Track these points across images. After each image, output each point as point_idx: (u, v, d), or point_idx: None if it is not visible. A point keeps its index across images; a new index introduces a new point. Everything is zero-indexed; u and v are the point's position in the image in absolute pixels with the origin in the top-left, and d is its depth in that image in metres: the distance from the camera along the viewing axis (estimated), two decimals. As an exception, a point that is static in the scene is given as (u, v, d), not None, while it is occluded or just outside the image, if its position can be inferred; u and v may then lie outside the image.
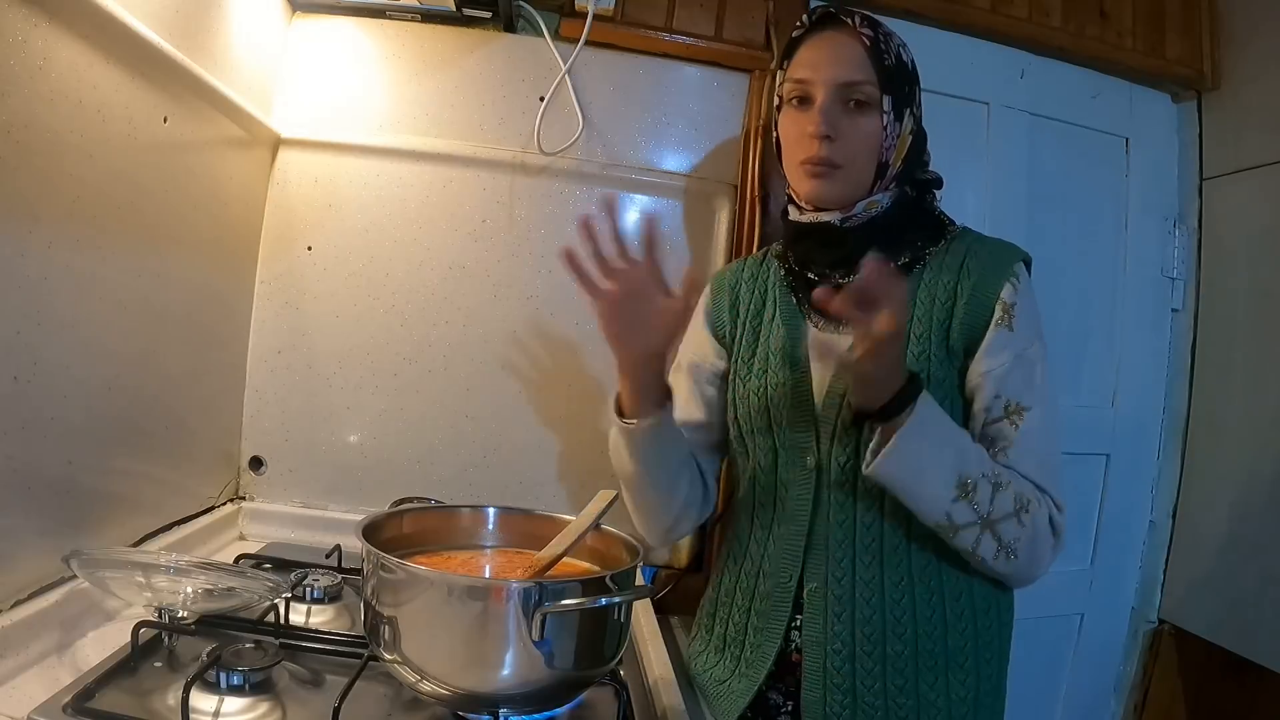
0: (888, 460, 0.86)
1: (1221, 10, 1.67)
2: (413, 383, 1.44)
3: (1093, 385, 1.72)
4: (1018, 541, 0.89)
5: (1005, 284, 0.94)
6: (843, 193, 0.96)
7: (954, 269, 0.96)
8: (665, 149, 1.47)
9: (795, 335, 1.02)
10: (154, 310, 1.09)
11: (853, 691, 0.95)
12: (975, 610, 0.96)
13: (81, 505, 0.97)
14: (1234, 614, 1.56)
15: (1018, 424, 0.92)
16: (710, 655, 1.09)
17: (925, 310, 0.95)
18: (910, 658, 0.94)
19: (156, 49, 0.98)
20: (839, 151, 0.94)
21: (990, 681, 0.97)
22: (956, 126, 1.59)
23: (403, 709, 0.83)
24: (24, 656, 0.81)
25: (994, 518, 0.88)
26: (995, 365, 0.92)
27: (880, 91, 0.93)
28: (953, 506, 0.87)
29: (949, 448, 0.88)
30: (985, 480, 0.88)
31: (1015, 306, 0.93)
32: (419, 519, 0.96)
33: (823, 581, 0.97)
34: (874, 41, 0.93)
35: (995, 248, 0.98)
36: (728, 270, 1.17)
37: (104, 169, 0.94)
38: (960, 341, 0.94)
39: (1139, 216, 1.73)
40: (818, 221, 0.98)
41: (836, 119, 0.93)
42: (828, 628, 0.96)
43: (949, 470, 0.87)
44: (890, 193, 0.98)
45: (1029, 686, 1.66)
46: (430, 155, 1.42)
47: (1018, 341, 0.93)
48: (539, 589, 0.72)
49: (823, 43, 0.96)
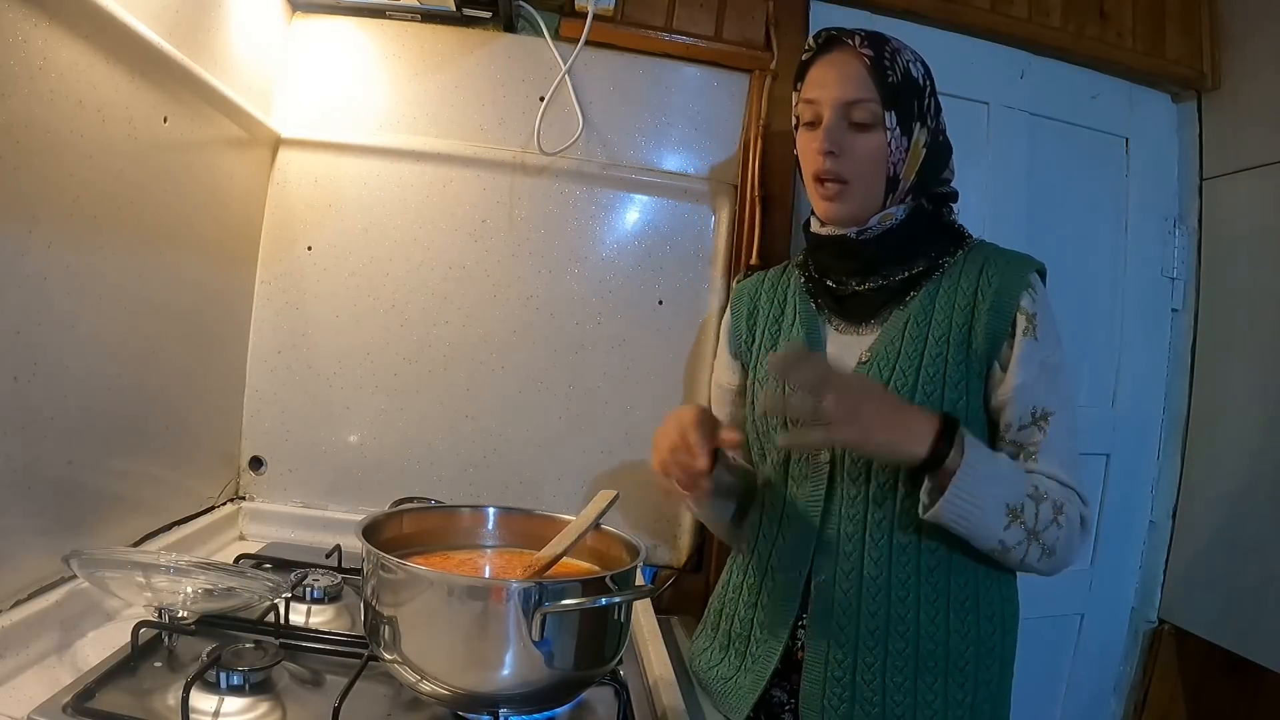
0: (946, 506, 0.88)
1: (1221, 10, 1.67)
2: (413, 383, 1.44)
3: (1093, 385, 1.72)
4: (1057, 542, 0.92)
5: (1024, 293, 0.96)
6: (853, 210, 0.99)
7: (973, 276, 0.99)
8: (665, 149, 1.48)
9: (815, 337, 1.06)
10: (154, 310, 1.09)
11: (852, 685, 0.95)
12: (980, 616, 0.97)
13: (81, 505, 0.97)
14: (1234, 614, 1.55)
15: (1044, 428, 0.95)
16: (715, 652, 1.09)
17: (945, 315, 0.98)
18: (911, 657, 0.95)
19: (156, 49, 0.98)
20: (844, 166, 0.97)
21: (989, 688, 0.97)
22: (956, 126, 1.55)
23: (403, 709, 0.83)
24: (24, 656, 0.81)
25: (1038, 529, 0.91)
26: (1025, 376, 0.95)
27: (883, 108, 0.96)
28: (1005, 533, 0.90)
29: (998, 483, 0.90)
30: (1029, 500, 0.91)
31: (1037, 316, 0.96)
32: (419, 519, 0.97)
33: (830, 576, 0.98)
34: (875, 60, 0.96)
35: (1013, 258, 1.01)
36: (748, 282, 1.20)
37: (104, 169, 0.94)
38: (984, 345, 0.96)
39: (1139, 216, 1.73)
40: (834, 234, 1.02)
41: (840, 136, 0.97)
42: (832, 621, 0.97)
43: (1000, 503, 0.89)
44: (906, 205, 1.00)
45: (1029, 686, 1.65)
46: (430, 155, 1.42)
47: (1042, 350, 0.95)
48: (539, 589, 0.72)
49: (828, 64, 0.99)
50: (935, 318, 0.98)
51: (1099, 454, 1.72)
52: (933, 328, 0.97)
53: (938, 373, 0.96)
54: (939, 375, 0.96)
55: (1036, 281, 0.99)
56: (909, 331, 0.98)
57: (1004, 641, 0.99)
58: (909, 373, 0.96)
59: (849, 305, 1.04)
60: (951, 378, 0.96)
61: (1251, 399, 1.59)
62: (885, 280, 1.01)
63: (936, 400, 0.95)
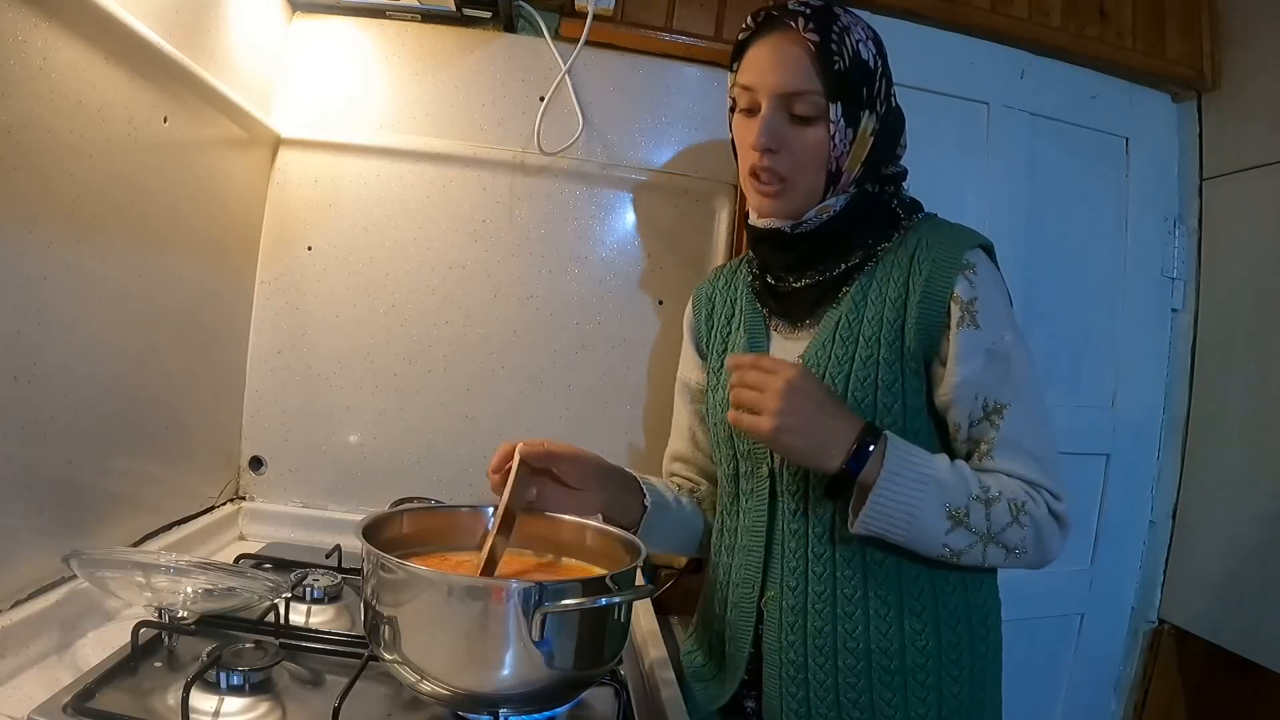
0: (869, 518, 0.84)
1: (1221, 10, 1.67)
2: (413, 383, 1.44)
3: (1093, 385, 1.72)
4: (1024, 542, 0.87)
5: (959, 278, 0.88)
6: (789, 207, 0.94)
7: (904, 264, 0.91)
8: (665, 149, 1.47)
9: (757, 343, 1.02)
10: (154, 310, 1.09)
11: (806, 702, 0.93)
12: (940, 625, 0.92)
13: (81, 505, 0.97)
14: (1234, 614, 1.55)
15: (998, 423, 0.89)
16: (700, 655, 1.10)
17: (876, 312, 0.91)
18: (864, 672, 0.91)
19: (156, 49, 0.98)
20: (783, 163, 0.91)
21: (957, 700, 0.92)
22: (956, 126, 1.59)
23: (403, 709, 0.83)
24: (24, 656, 0.81)
25: (994, 531, 0.86)
26: (969, 370, 0.88)
27: (827, 100, 0.88)
28: (948, 538, 0.85)
29: (929, 486, 0.84)
30: (976, 502, 0.86)
31: (977, 301, 0.88)
32: (419, 519, 0.96)
33: (779, 591, 0.96)
34: (821, 45, 0.87)
35: (947, 238, 0.92)
36: (705, 280, 1.17)
37: (104, 169, 0.94)
38: (918, 342, 0.89)
39: (1139, 216, 1.73)
40: (770, 227, 0.96)
41: (778, 130, 0.90)
42: (782, 637, 0.95)
43: (935, 506, 0.85)
44: (847, 194, 0.94)
45: (1029, 686, 1.66)
46: (430, 155, 1.42)
47: (985, 337, 0.88)
48: (539, 589, 0.72)
49: (767, 47, 0.90)
50: (866, 314, 0.92)
51: (1099, 454, 1.72)
52: (863, 326, 0.91)
53: (868, 376, 0.90)
54: (870, 380, 0.90)
55: (979, 259, 0.90)
56: (840, 332, 0.93)
57: (973, 649, 0.94)
58: (838, 378, 0.91)
59: (788, 304, 0.99)
60: (884, 379, 0.90)
61: (1251, 399, 1.59)
62: (821, 276, 0.96)
63: (869, 405, 0.90)
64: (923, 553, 0.87)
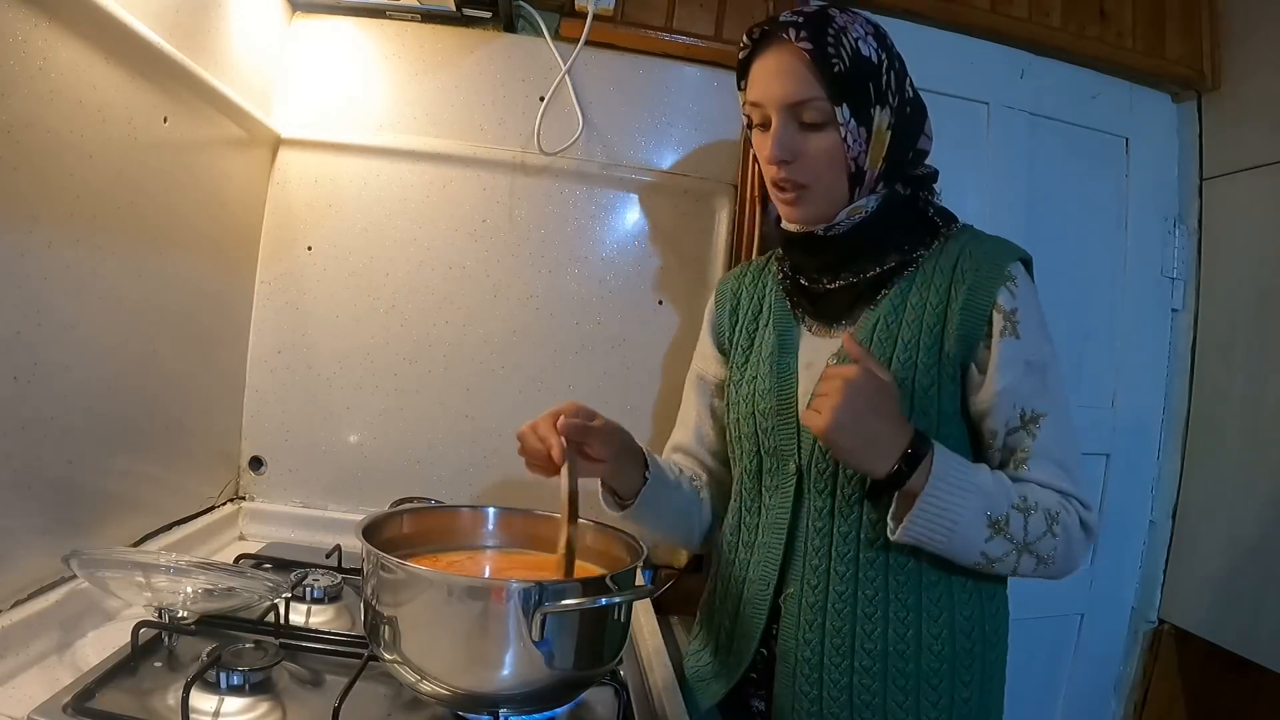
0: (913, 526, 0.85)
1: (1221, 10, 1.67)
2: (413, 383, 1.44)
3: (1093, 385, 1.72)
4: (1054, 552, 0.88)
5: (1002, 289, 0.90)
6: (815, 212, 0.95)
7: (947, 272, 0.93)
8: (665, 149, 1.47)
9: (787, 341, 1.02)
10: (154, 310, 1.09)
11: (820, 701, 0.94)
12: (955, 631, 0.93)
13: (81, 505, 0.97)
14: (1234, 614, 1.56)
15: (1034, 432, 0.90)
16: (705, 654, 1.09)
17: (916, 316, 0.92)
18: (879, 674, 0.92)
19: (156, 49, 0.98)
20: (799, 172, 0.92)
21: (967, 706, 0.93)
22: (956, 126, 1.59)
23: (403, 709, 0.83)
24: (24, 656, 0.81)
25: (1029, 541, 0.87)
26: (1009, 379, 0.89)
27: (832, 104, 0.89)
28: (987, 545, 0.86)
29: (972, 494, 0.85)
30: (1015, 511, 0.86)
31: (1017, 312, 0.90)
32: (419, 519, 0.96)
33: (799, 588, 0.96)
34: (815, 51, 0.88)
35: (991, 249, 0.94)
36: (730, 276, 1.17)
37: (104, 169, 0.94)
38: (958, 349, 0.91)
39: (1139, 216, 1.73)
40: (803, 231, 0.97)
41: (790, 140, 0.91)
42: (799, 634, 0.95)
43: (977, 515, 0.85)
44: (878, 194, 0.95)
45: (1029, 686, 1.66)
46: (430, 155, 1.42)
47: (1026, 348, 0.90)
48: (539, 589, 0.72)
49: (766, 62, 0.92)
50: (906, 318, 0.93)
51: (1099, 454, 1.72)
52: (902, 330, 0.92)
53: (905, 378, 0.91)
54: (907, 380, 0.91)
55: (1019, 272, 0.92)
56: (878, 334, 0.93)
57: (985, 656, 0.95)
58: None
59: (822, 305, 1.00)
60: (921, 383, 0.91)
61: (1251, 399, 1.59)
62: (856, 277, 0.96)
63: (905, 407, 0.90)
64: (958, 560, 0.88)
